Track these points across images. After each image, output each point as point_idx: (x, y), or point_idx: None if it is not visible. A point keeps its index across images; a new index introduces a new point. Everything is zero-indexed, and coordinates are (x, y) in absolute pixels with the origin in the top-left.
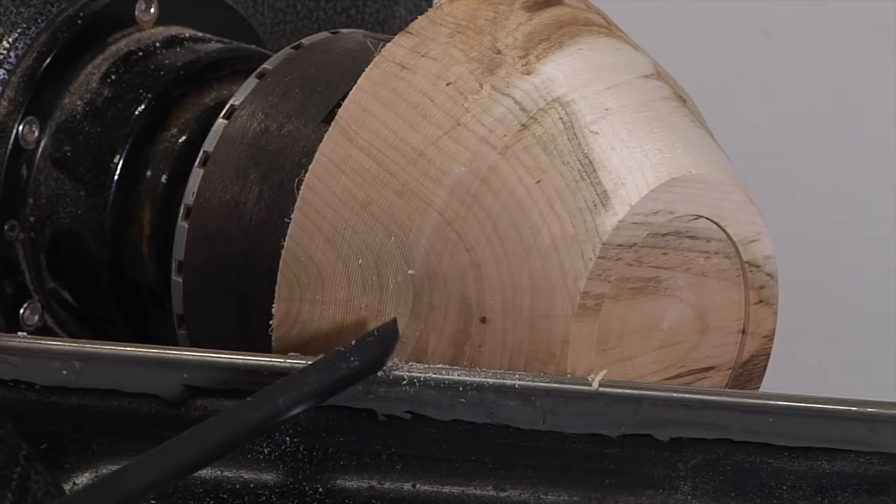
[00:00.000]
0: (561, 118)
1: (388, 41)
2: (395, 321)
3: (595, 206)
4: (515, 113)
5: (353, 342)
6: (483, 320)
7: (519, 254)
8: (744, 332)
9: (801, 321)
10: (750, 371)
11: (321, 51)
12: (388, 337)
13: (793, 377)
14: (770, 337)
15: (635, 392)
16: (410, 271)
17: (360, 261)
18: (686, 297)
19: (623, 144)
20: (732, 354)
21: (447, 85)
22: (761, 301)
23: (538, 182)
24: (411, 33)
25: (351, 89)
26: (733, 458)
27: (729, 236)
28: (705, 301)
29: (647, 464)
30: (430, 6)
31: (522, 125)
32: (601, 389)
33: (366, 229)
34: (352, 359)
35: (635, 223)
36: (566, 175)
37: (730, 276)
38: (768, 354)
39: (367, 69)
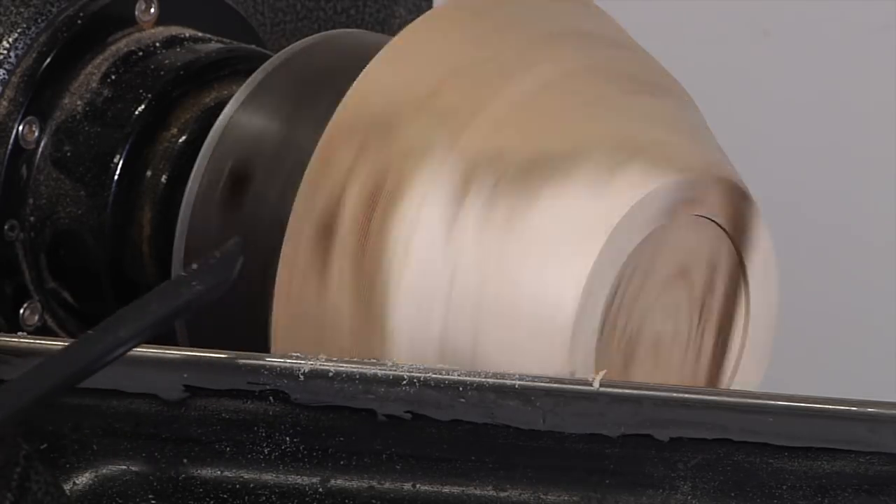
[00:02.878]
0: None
1: (388, 41)
2: (239, 240)
3: (594, 207)
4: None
5: (195, 265)
6: None
7: None
8: (745, 329)
9: (801, 321)
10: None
11: (321, 51)
12: (230, 257)
13: (793, 377)
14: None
15: (635, 392)
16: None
17: (358, 258)
18: (687, 297)
19: (622, 144)
20: (734, 350)
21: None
22: (761, 300)
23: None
24: None
25: (350, 88)
26: (733, 458)
27: (729, 236)
28: (706, 300)
29: (647, 464)
30: (430, 6)
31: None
32: (601, 389)
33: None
34: (194, 284)
35: (635, 223)
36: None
37: (730, 275)
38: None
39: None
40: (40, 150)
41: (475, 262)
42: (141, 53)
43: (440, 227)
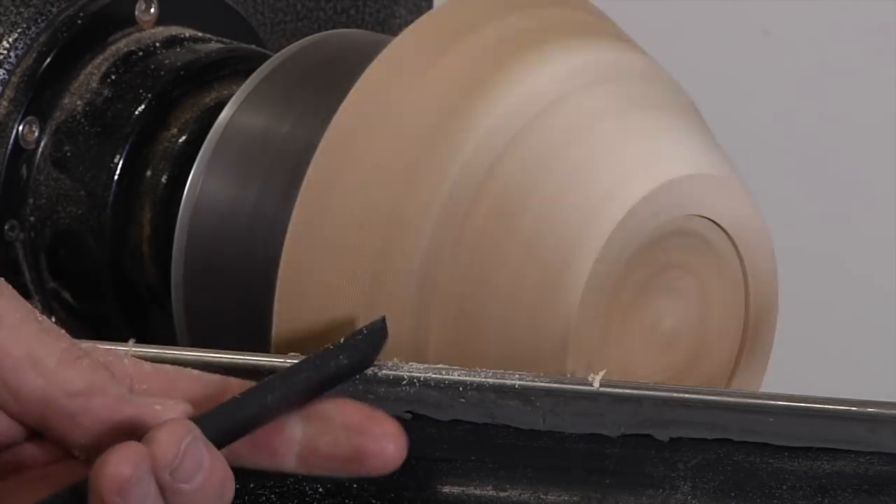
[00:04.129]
0: (554, 123)
1: (388, 41)
2: (384, 319)
3: (596, 206)
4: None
5: (342, 340)
6: None
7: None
8: (744, 330)
9: (801, 321)
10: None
11: (321, 51)
12: (377, 334)
13: (793, 377)
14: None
15: (635, 392)
16: (410, 269)
17: (360, 259)
18: (687, 296)
19: (622, 144)
20: (733, 353)
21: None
22: (761, 300)
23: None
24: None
25: (350, 89)
26: (733, 458)
27: (729, 235)
28: (706, 300)
29: (647, 464)
30: (430, 7)
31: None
32: (601, 389)
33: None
34: (340, 357)
35: (636, 223)
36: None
37: (730, 275)
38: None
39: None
40: (40, 150)
41: (477, 256)
42: (141, 53)
43: (441, 219)
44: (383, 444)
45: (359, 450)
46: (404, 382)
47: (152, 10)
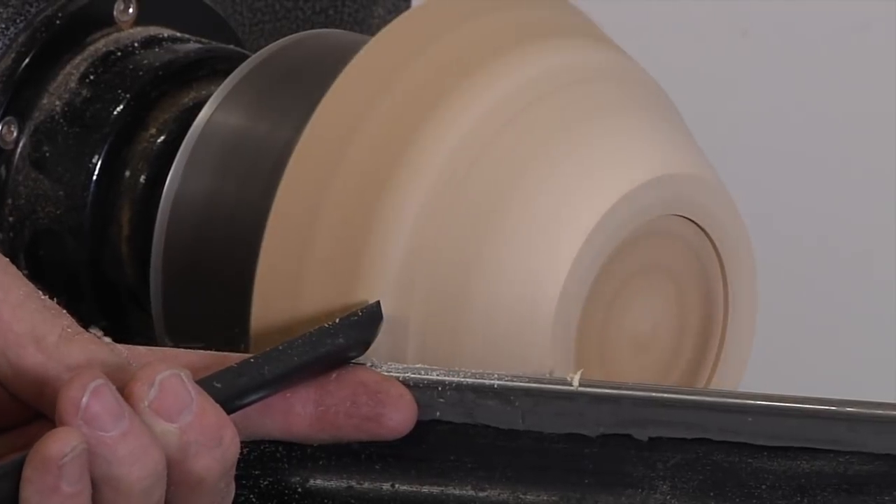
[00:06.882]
0: (532, 124)
1: (366, 41)
2: (378, 303)
3: (575, 206)
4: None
5: (338, 320)
6: None
7: None
8: (724, 329)
9: (781, 319)
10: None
11: (299, 51)
12: (372, 317)
13: (773, 376)
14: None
15: (614, 392)
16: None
17: (338, 258)
18: (665, 296)
19: (600, 144)
20: (712, 352)
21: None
22: (740, 298)
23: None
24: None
25: (328, 89)
26: (712, 458)
27: (707, 234)
28: (684, 299)
29: (626, 463)
30: (409, 7)
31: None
32: (580, 389)
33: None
34: (337, 335)
35: (614, 223)
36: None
37: (709, 274)
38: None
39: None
40: (19, 150)
41: (456, 256)
42: (119, 54)
43: (419, 218)
44: (400, 404)
45: (376, 409)
46: None
47: (131, 11)
